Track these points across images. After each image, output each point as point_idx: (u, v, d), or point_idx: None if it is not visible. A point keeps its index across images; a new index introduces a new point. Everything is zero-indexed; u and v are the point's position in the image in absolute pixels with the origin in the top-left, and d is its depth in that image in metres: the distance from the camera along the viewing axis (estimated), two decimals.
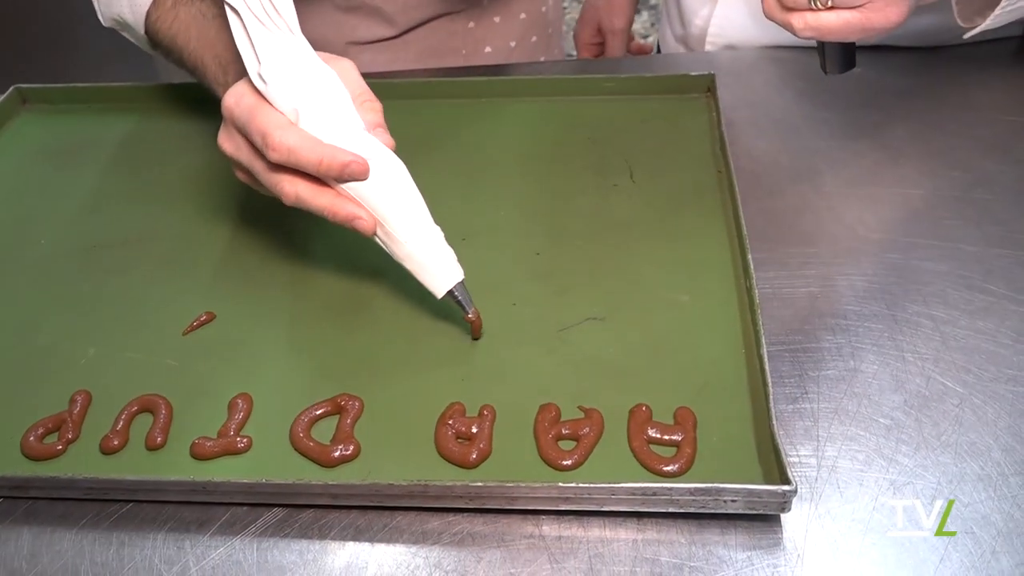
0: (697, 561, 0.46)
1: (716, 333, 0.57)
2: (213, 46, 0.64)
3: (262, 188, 0.57)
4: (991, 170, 0.69)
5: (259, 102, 0.54)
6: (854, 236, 0.64)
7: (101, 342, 0.60)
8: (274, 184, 0.55)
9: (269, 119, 0.53)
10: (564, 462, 0.50)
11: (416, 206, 0.56)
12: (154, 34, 0.72)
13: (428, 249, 0.56)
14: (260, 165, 0.55)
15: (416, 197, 0.56)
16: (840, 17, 0.59)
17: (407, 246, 0.55)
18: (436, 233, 0.56)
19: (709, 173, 0.70)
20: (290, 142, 0.52)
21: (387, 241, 0.56)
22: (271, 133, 0.52)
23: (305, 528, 0.49)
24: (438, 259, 0.56)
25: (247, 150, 0.55)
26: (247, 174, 0.58)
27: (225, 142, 0.57)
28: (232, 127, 0.56)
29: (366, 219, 0.54)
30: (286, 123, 0.53)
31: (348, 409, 0.53)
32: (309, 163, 0.53)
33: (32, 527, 0.50)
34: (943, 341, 0.56)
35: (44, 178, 0.77)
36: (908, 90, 0.78)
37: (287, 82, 0.53)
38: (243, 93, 0.55)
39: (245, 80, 0.56)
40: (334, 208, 0.54)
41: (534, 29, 1.03)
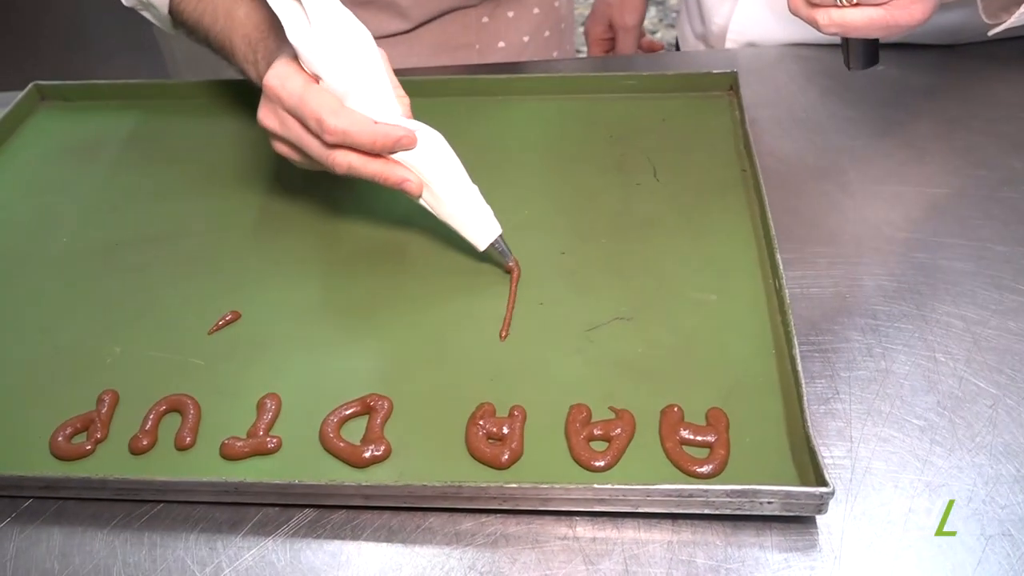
0: (733, 563, 0.46)
1: (745, 333, 0.57)
2: (242, 25, 0.66)
3: (306, 162, 0.61)
4: (1018, 168, 0.68)
5: (307, 84, 0.57)
6: (881, 235, 0.64)
7: (126, 341, 0.59)
8: (326, 158, 0.58)
9: (321, 104, 0.56)
10: (597, 463, 0.49)
11: (457, 169, 0.60)
12: (179, 14, 0.73)
13: (470, 207, 0.60)
14: (313, 143, 0.58)
15: (456, 161, 0.60)
16: (865, 14, 0.59)
17: (450, 205, 0.60)
18: (475, 192, 0.61)
19: (733, 172, 0.70)
20: (344, 125, 0.56)
21: (432, 202, 0.60)
22: (325, 119, 0.56)
23: (337, 529, 0.48)
24: (479, 216, 0.61)
25: (297, 128, 0.59)
26: (291, 148, 0.61)
27: (268, 119, 0.60)
28: (276, 105, 0.59)
29: (414, 181, 0.59)
30: (338, 106, 0.57)
31: (377, 409, 0.53)
32: (363, 143, 0.57)
33: (63, 527, 0.49)
34: (974, 342, 0.56)
35: (64, 175, 0.76)
36: (932, 88, 0.78)
37: (335, 63, 0.56)
38: (286, 75, 0.58)
39: (286, 59, 0.58)
40: (385, 173, 0.58)
41: (547, 24, 1.02)
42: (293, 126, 0.59)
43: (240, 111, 0.80)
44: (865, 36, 0.61)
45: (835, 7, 0.59)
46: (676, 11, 2.72)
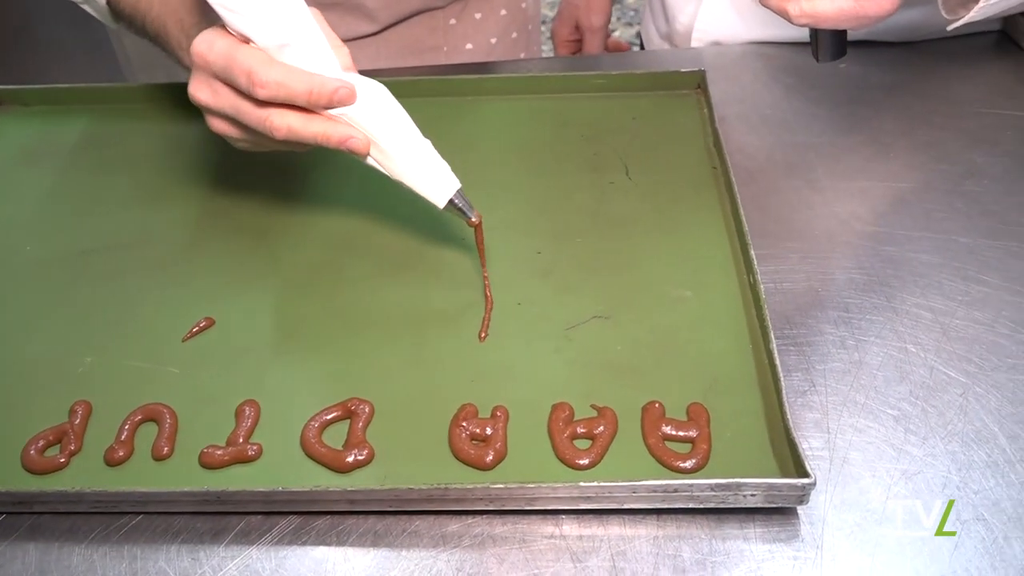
0: (719, 555, 0.46)
1: (722, 328, 0.57)
2: (175, 11, 0.63)
3: (246, 134, 0.57)
4: (979, 162, 0.70)
5: (235, 43, 0.54)
6: (850, 230, 0.65)
7: (98, 350, 0.58)
8: (262, 120, 0.55)
9: (252, 57, 0.53)
10: (581, 461, 0.50)
11: (404, 122, 0.57)
12: (115, 4, 0.70)
13: (423, 162, 0.57)
14: (246, 105, 0.55)
15: (402, 114, 0.57)
16: (835, 5, 0.60)
17: (401, 162, 0.56)
18: (427, 146, 0.57)
19: (704, 169, 0.71)
20: (278, 76, 0.53)
21: (382, 160, 0.57)
22: (256, 70, 0.52)
23: (322, 535, 0.48)
24: (433, 170, 0.57)
25: (228, 94, 0.55)
26: (227, 122, 0.57)
27: (200, 91, 0.56)
28: (206, 74, 0.55)
29: (360, 138, 0.55)
30: (269, 59, 0.53)
31: (359, 413, 0.53)
32: (299, 94, 0.53)
33: (38, 543, 0.48)
34: (943, 332, 0.57)
35: (24, 181, 0.74)
36: (894, 85, 0.79)
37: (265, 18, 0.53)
38: (213, 39, 0.54)
39: (212, 27, 0.55)
40: (327, 133, 0.55)
41: (514, 25, 1.03)
42: (225, 92, 0.55)
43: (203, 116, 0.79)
44: (835, 27, 0.62)
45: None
46: (634, 9, 2.74)
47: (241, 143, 0.59)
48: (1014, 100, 0.77)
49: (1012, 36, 0.84)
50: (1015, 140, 0.72)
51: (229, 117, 0.56)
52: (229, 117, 0.56)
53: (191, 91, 0.57)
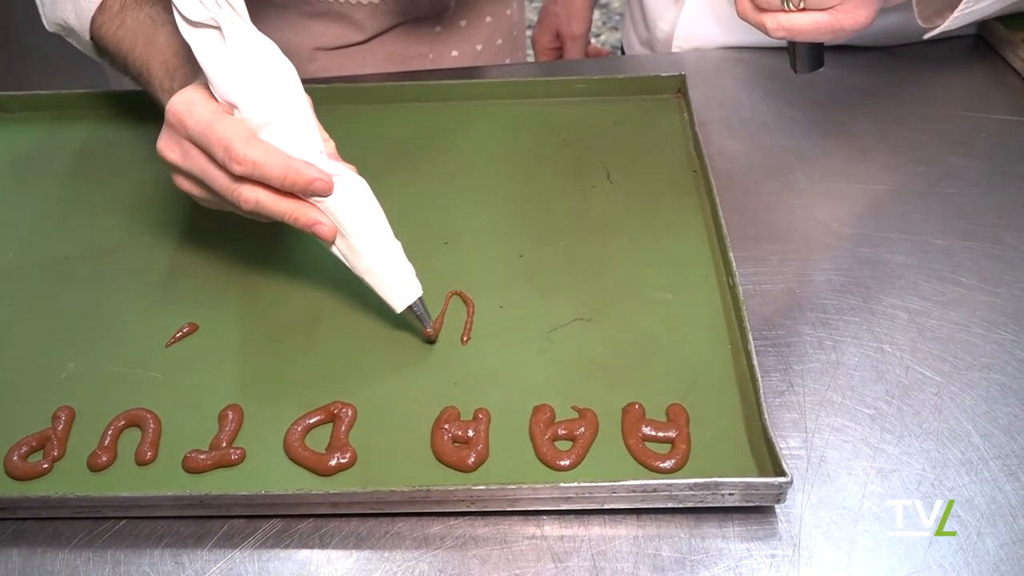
0: (698, 554, 0.47)
1: (701, 330, 0.58)
2: (161, 52, 0.62)
3: (212, 196, 0.56)
4: (955, 165, 0.71)
5: (216, 112, 0.53)
6: (828, 232, 0.66)
7: (80, 356, 0.58)
8: (231, 191, 0.54)
9: (231, 130, 0.52)
10: (562, 462, 0.50)
11: (378, 222, 0.56)
12: (99, 39, 0.69)
13: (389, 264, 0.56)
14: (219, 176, 0.54)
15: (378, 213, 0.56)
16: (811, 18, 0.61)
17: (368, 261, 0.55)
18: (396, 248, 0.56)
19: (684, 172, 0.71)
20: (255, 155, 0.51)
21: (348, 255, 0.56)
22: (234, 147, 0.51)
23: (305, 538, 0.48)
24: (398, 274, 0.56)
25: (200, 160, 0.54)
26: (194, 182, 0.56)
27: (169, 150, 0.55)
28: (178, 135, 0.54)
29: (327, 225, 0.54)
30: (249, 134, 0.52)
31: (342, 417, 0.53)
32: (274, 177, 0.52)
33: (22, 548, 0.48)
34: (919, 332, 0.58)
35: (5, 188, 0.74)
36: (872, 88, 0.80)
37: (256, 91, 0.52)
38: (194, 101, 0.53)
39: (195, 85, 0.54)
40: (295, 213, 0.54)
41: (499, 32, 1.03)
42: (197, 157, 0.54)
43: None
44: (812, 40, 0.63)
45: (782, 12, 0.61)
46: (619, 14, 2.75)
47: (204, 202, 0.58)
48: (989, 103, 0.78)
49: (988, 40, 0.85)
50: (990, 143, 0.73)
51: (197, 179, 0.55)
52: (197, 179, 0.55)
53: (160, 147, 0.56)
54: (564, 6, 1.08)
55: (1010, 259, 0.63)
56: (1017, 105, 0.77)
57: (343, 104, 0.81)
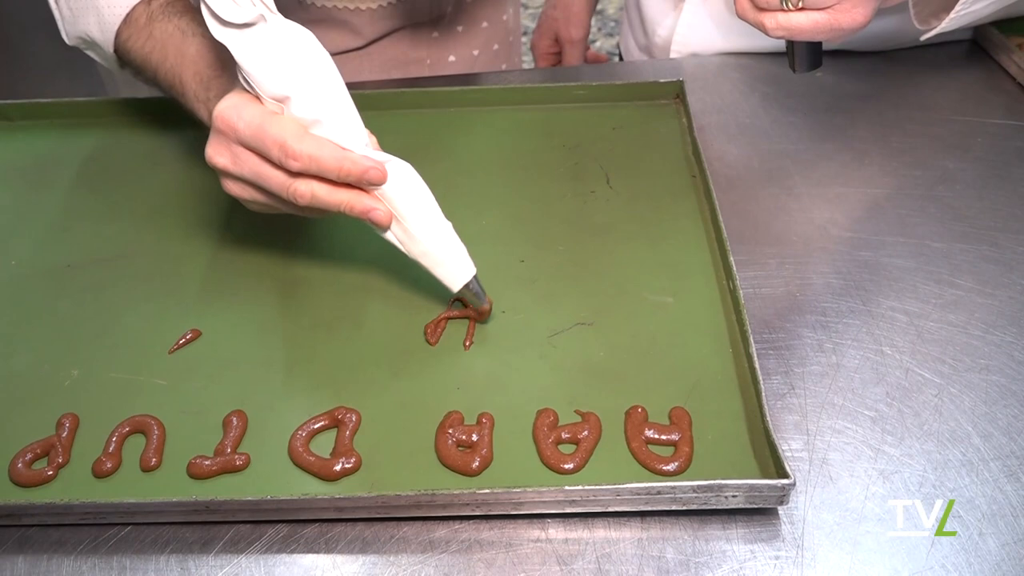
0: (702, 556, 0.47)
1: (703, 333, 0.58)
2: (194, 63, 0.63)
3: (265, 198, 0.57)
4: (951, 168, 0.72)
5: (265, 113, 0.54)
6: (826, 235, 0.67)
7: (84, 363, 0.59)
8: (287, 188, 0.55)
9: (284, 129, 0.53)
10: (566, 466, 0.50)
11: (430, 205, 0.57)
12: (125, 53, 0.70)
13: (443, 245, 0.57)
14: (274, 175, 0.55)
15: (429, 197, 0.57)
16: (810, 18, 0.61)
17: (424, 244, 0.57)
18: (448, 229, 0.58)
19: (684, 177, 0.72)
20: (310, 150, 0.53)
21: (403, 239, 0.57)
22: (289, 144, 0.53)
23: (311, 543, 0.49)
24: (452, 255, 0.57)
25: (253, 161, 0.55)
26: (246, 185, 0.57)
27: (219, 156, 0.56)
28: (228, 139, 0.55)
29: (383, 211, 0.55)
30: (301, 131, 0.53)
31: (346, 422, 0.53)
32: (330, 169, 0.53)
33: (27, 555, 0.49)
34: (918, 334, 0.58)
35: (8, 197, 0.75)
36: (868, 93, 0.81)
37: (304, 89, 0.53)
38: (241, 105, 0.54)
39: (238, 91, 0.55)
40: (351, 202, 0.55)
41: (496, 37, 1.04)
42: (249, 159, 0.55)
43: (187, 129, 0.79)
44: (810, 39, 0.63)
45: (781, 11, 0.62)
46: (615, 20, 2.76)
47: (255, 205, 0.59)
48: (985, 107, 0.79)
49: (983, 45, 0.85)
50: (986, 146, 0.74)
51: (248, 181, 0.56)
52: (248, 181, 0.56)
53: (209, 154, 0.56)
54: (563, 11, 1.09)
55: (1007, 261, 0.63)
56: (1012, 109, 0.78)
57: None
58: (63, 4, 0.73)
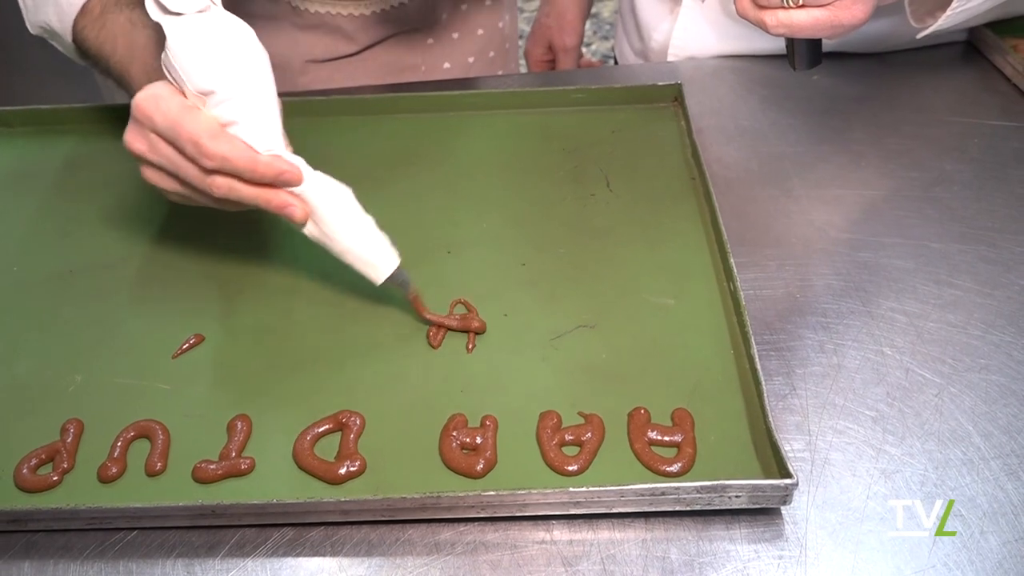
0: (706, 556, 0.47)
1: (704, 335, 0.59)
2: (141, 55, 0.63)
3: (180, 188, 0.57)
4: (948, 169, 0.72)
5: (183, 107, 0.54)
6: (826, 237, 0.67)
7: (87, 369, 0.59)
8: (202, 181, 0.55)
9: (199, 126, 0.53)
10: (569, 467, 0.51)
11: (347, 204, 0.57)
12: (81, 42, 0.70)
13: (362, 243, 0.57)
14: (189, 167, 0.55)
15: (347, 196, 0.57)
16: (810, 15, 0.62)
17: (343, 242, 0.57)
18: (369, 225, 0.58)
19: (683, 180, 0.72)
20: (223, 150, 0.53)
21: (322, 239, 0.57)
22: (203, 142, 0.53)
23: (317, 546, 0.49)
24: (373, 251, 0.58)
25: (169, 152, 0.55)
26: (163, 174, 0.57)
27: (136, 142, 0.56)
28: (145, 128, 0.56)
29: (298, 207, 0.56)
30: (217, 129, 0.54)
31: (350, 426, 0.54)
32: (243, 170, 0.54)
33: (33, 561, 0.49)
34: (918, 335, 0.59)
35: (8, 204, 0.75)
36: (864, 95, 0.81)
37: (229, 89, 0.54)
38: (160, 95, 0.55)
39: (161, 81, 0.56)
40: (267, 196, 0.55)
41: (491, 45, 1.04)
42: (165, 149, 0.55)
43: None
44: (811, 36, 0.64)
45: (782, 9, 0.62)
46: (610, 24, 2.77)
47: (174, 196, 0.59)
48: (980, 108, 0.79)
49: (977, 46, 0.86)
50: (982, 147, 0.75)
51: (166, 171, 0.56)
52: (166, 171, 0.56)
53: (127, 139, 0.57)
54: (556, 19, 1.09)
55: (1005, 261, 0.64)
56: (1008, 109, 0.79)
57: (341, 116, 0.81)
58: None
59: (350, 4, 0.90)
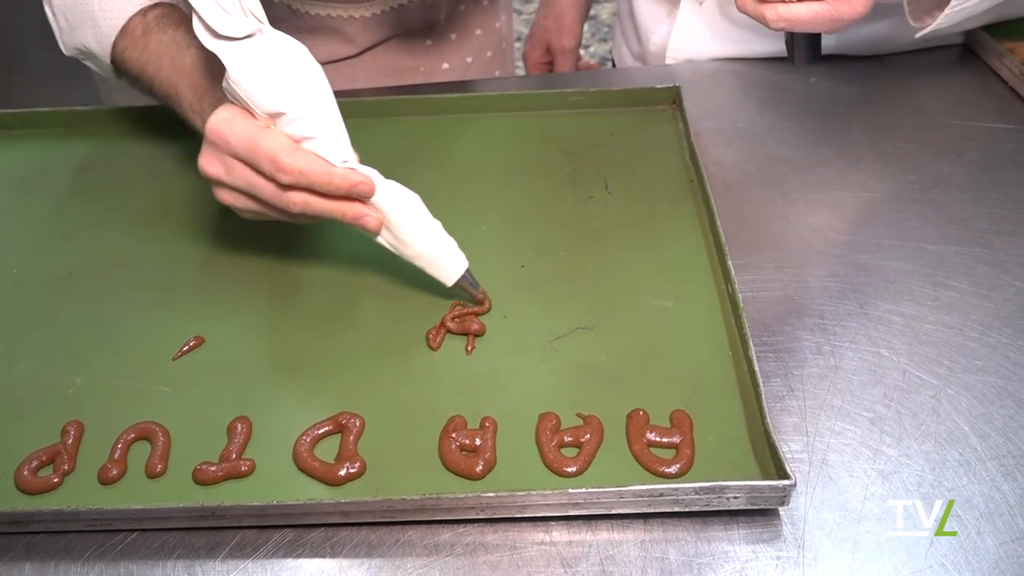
0: (704, 557, 0.48)
1: (702, 337, 0.59)
2: (189, 74, 0.64)
3: (258, 206, 0.59)
4: (945, 172, 0.73)
5: (257, 127, 0.55)
6: (823, 239, 0.67)
7: (87, 371, 0.59)
8: (279, 198, 0.57)
9: (275, 144, 0.55)
10: (568, 469, 0.51)
11: (418, 210, 0.59)
12: (121, 63, 0.71)
13: (434, 246, 0.59)
14: (267, 186, 0.56)
15: (417, 202, 0.59)
16: (810, 8, 0.62)
17: (416, 247, 0.59)
18: (438, 229, 0.60)
19: (681, 182, 0.73)
20: (301, 165, 0.55)
21: (396, 244, 0.59)
22: (280, 158, 0.55)
23: (317, 548, 0.49)
24: (444, 253, 0.60)
25: (246, 172, 0.56)
26: (238, 194, 0.58)
27: (211, 166, 0.58)
28: (220, 151, 0.57)
29: (373, 218, 0.57)
30: (292, 146, 0.55)
31: (350, 427, 0.54)
32: (319, 183, 0.55)
33: (34, 562, 0.49)
34: (915, 336, 0.59)
35: (8, 205, 0.75)
36: (862, 98, 0.82)
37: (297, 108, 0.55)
38: (234, 118, 0.56)
39: (231, 104, 0.57)
40: (343, 209, 0.57)
41: (489, 44, 1.04)
42: (241, 170, 0.56)
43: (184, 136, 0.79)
44: (810, 30, 0.64)
45: (782, 3, 0.63)
46: (608, 26, 2.78)
47: (247, 213, 0.60)
48: (977, 111, 0.79)
49: (974, 49, 0.86)
50: (979, 150, 0.75)
51: (242, 191, 0.58)
52: (242, 191, 0.58)
53: (202, 165, 0.58)
54: (554, 21, 1.10)
55: (1002, 264, 0.64)
56: (1005, 112, 0.79)
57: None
58: (60, 16, 0.73)
59: (350, 7, 0.90)
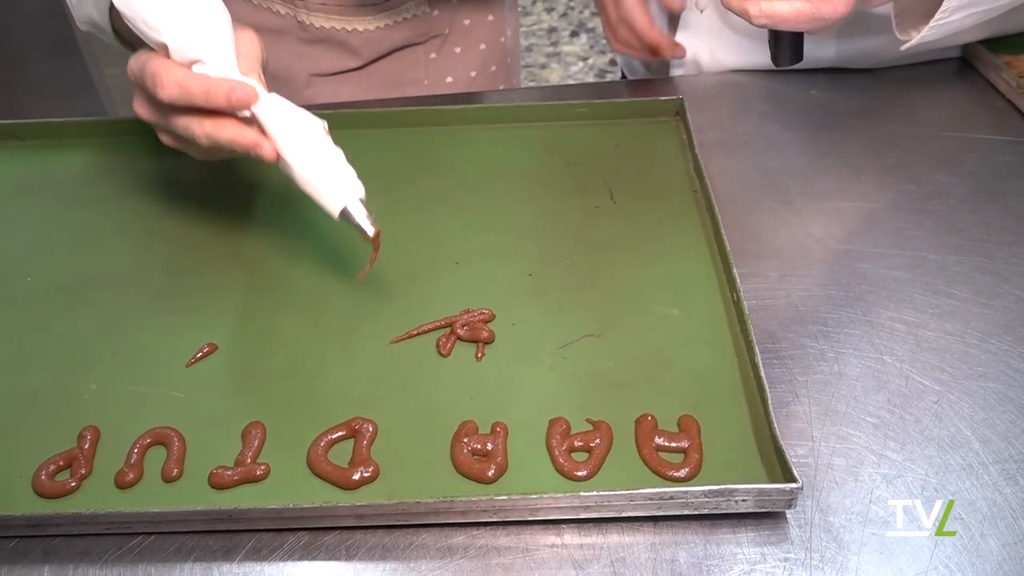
0: (713, 559, 0.49)
1: (708, 344, 0.60)
2: None
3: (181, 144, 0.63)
4: (944, 183, 0.74)
5: (151, 53, 0.59)
6: (826, 248, 0.68)
7: (102, 378, 0.60)
8: (185, 128, 0.59)
9: (160, 64, 0.58)
10: (579, 473, 0.52)
11: (312, 134, 0.58)
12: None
13: (322, 172, 0.58)
14: (171, 114, 0.59)
15: (315, 126, 0.59)
16: (792, 7, 0.64)
17: (299, 169, 0.58)
18: (335, 156, 0.59)
19: (685, 193, 0.74)
20: (177, 77, 0.57)
21: (286, 170, 0.59)
22: (159, 73, 0.58)
23: (332, 550, 0.50)
24: (333, 181, 0.58)
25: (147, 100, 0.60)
26: (169, 134, 0.63)
27: (140, 108, 0.62)
28: (138, 90, 0.61)
29: (267, 147, 0.58)
30: (175, 65, 0.58)
31: (363, 432, 0.55)
32: (199, 96, 0.57)
33: (52, 565, 0.49)
34: (917, 343, 0.60)
35: (20, 215, 0.76)
36: (862, 110, 0.83)
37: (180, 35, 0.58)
38: (139, 54, 0.61)
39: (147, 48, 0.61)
40: (237, 137, 0.59)
41: (493, 59, 1.05)
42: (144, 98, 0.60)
43: None
44: (792, 28, 0.65)
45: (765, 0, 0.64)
46: None
47: (193, 152, 0.63)
48: (975, 123, 0.81)
49: (971, 62, 0.88)
50: (977, 161, 0.76)
51: (161, 127, 0.62)
52: (161, 127, 0.62)
53: (135, 108, 0.63)
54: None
55: (1001, 272, 0.65)
56: (1002, 124, 0.80)
57: (346, 129, 0.81)
58: None
59: (356, 19, 0.92)
